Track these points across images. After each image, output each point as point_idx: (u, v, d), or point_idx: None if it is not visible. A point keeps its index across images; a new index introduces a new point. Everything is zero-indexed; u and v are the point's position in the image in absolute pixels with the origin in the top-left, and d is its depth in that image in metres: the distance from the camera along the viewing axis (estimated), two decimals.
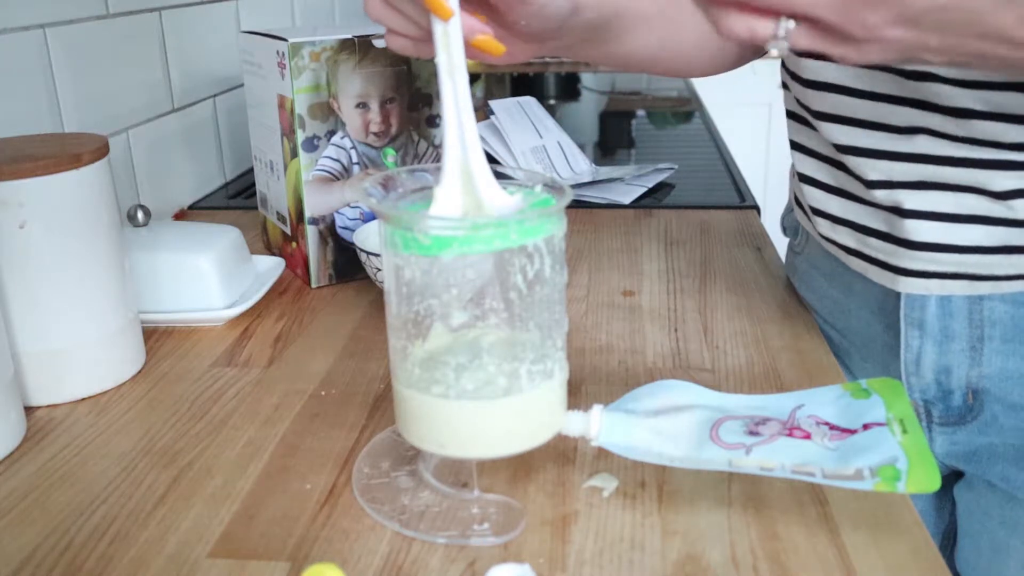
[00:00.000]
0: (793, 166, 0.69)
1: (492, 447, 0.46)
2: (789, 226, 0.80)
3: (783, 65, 0.67)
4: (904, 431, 0.47)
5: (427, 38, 0.52)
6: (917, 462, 0.45)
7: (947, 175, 0.56)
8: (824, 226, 0.66)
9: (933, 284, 0.59)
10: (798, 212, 0.73)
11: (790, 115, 0.68)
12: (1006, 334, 0.58)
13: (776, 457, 0.46)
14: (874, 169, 0.59)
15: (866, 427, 0.48)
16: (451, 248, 0.43)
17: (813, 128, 0.64)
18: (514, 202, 0.46)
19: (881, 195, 0.59)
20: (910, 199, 0.58)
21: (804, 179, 0.66)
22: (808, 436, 0.48)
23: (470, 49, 0.52)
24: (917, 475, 0.44)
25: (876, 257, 0.62)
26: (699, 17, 0.67)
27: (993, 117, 0.53)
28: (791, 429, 0.49)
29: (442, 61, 0.49)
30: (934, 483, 0.44)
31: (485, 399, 0.45)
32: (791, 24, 0.41)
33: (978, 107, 0.53)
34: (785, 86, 0.67)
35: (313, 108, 0.75)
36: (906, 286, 0.60)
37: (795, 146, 0.67)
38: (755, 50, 0.72)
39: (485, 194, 0.46)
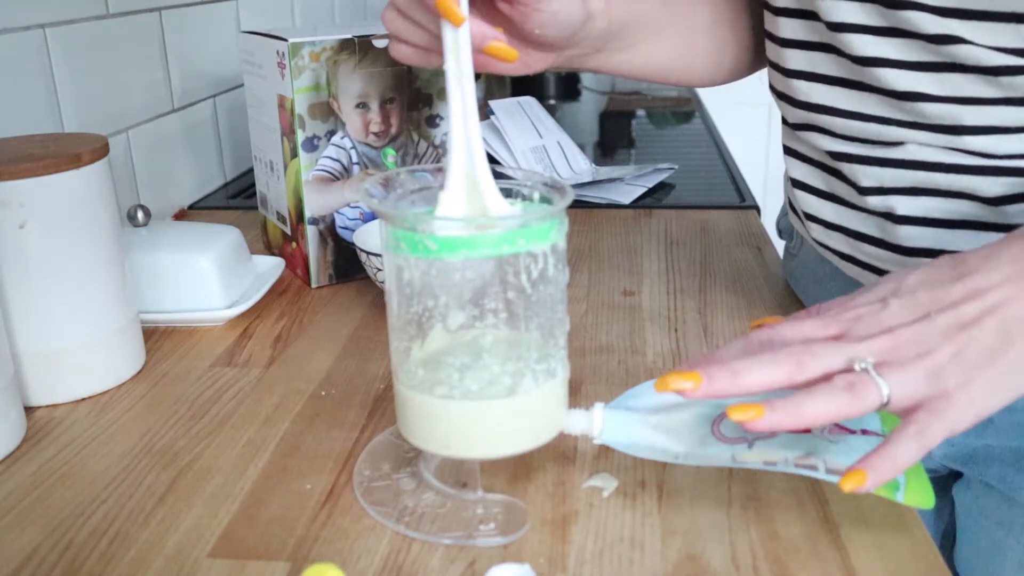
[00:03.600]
0: (787, 171, 0.69)
1: (497, 447, 0.46)
2: (784, 229, 0.80)
3: (771, 86, 0.67)
4: None
5: (434, 47, 0.53)
6: (914, 478, 0.45)
7: (939, 181, 0.56)
8: (817, 231, 0.66)
9: None
10: (792, 216, 0.73)
11: (784, 122, 0.68)
12: None
13: (779, 451, 0.47)
14: (866, 176, 0.59)
15: (864, 432, 0.48)
16: (459, 252, 0.43)
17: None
18: (516, 211, 0.47)
19: (874, 201, 0.59)
20: (902, 205, 0.58)
21: (797, 184, 0.66)
22: (808, 429, 0.49)
23: (484, 57, 0.53)
24: (914, 490, 0.44)
25: (869, 263, 0.62)
26: (711, 26, 0.68)
27: (984, 131, 0.53)
28: None
29: (451, 68, 0.49)
30: (929, 501, 0.44)
31: (490, 399, 0.45)
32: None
33: (971, 123, 0.53)
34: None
35: (313, 108, 0.75)
36: None
37: (788, 151, 0.67)
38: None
39: (490, 202, 0.46)
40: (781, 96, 0.64)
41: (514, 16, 0.53)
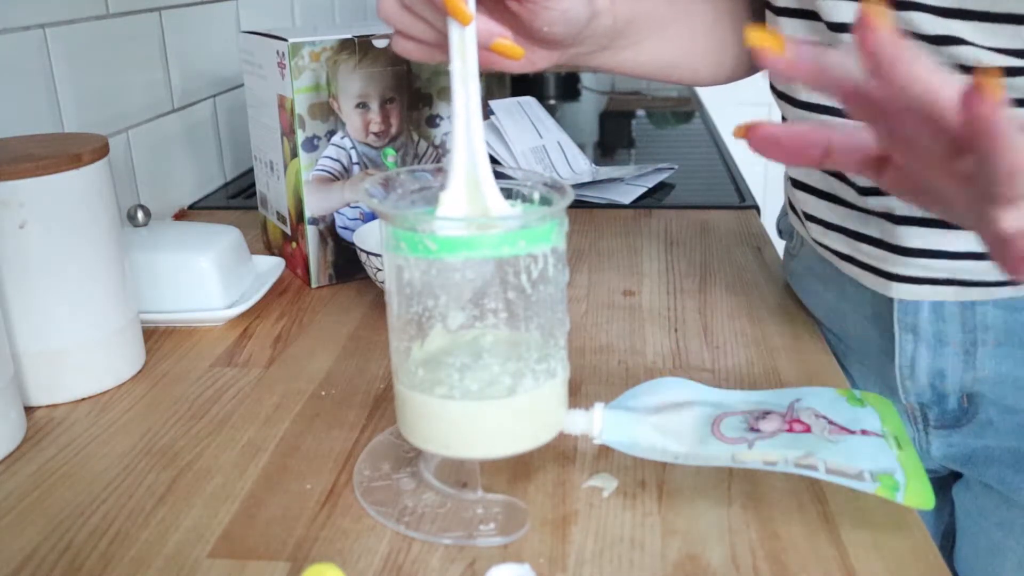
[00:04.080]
0: (787, 171, 0.69)
1: (497, 447, 0.46)
2: (784, 229, 0.80)
3: (771, 85, 0.67)
4: (899, 447, 0.48)
5: (439, 43, 0.52)
6: (914, 478, 0.45)
7: None
8: (817, 231, 0.66)
9: (925, 290, 0.59)
10: (792, 216, 0.73)
11: (783, 120, 0.68)
12: (999, 338, 0.58)
13: (779, 451, 0.47)
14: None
15: (864, 433, 0.49)
16: (459, 253, 0.43)
17: None
18: (517, 213, 0.47)
19: (873, 201, 0.59)
20: (902, 205, 0.58)
21: (797, 184, 0.66)
22: (808, 429, 0.49)
23: (490, 55, 0.53)
24: (914, 490, 0.44)
25: (868, 263, 0.62)
26: (713, 25, 0.68)
27: None
28: (791, 422, 0.49)
29: (456, 68, 0.49)
30: (929, 502, 0.44)
31: (490, 399, 0.45)
32: None
33: None
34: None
35: (313, 108, 0.75)
36: (898, 292, 0.60)
37: None
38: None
39: (491, 203, 0.46)
40: (781, 95, 0.64)
41: (522, 14, 0.53)
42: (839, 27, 0.55)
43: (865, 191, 0.59)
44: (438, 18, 0.52)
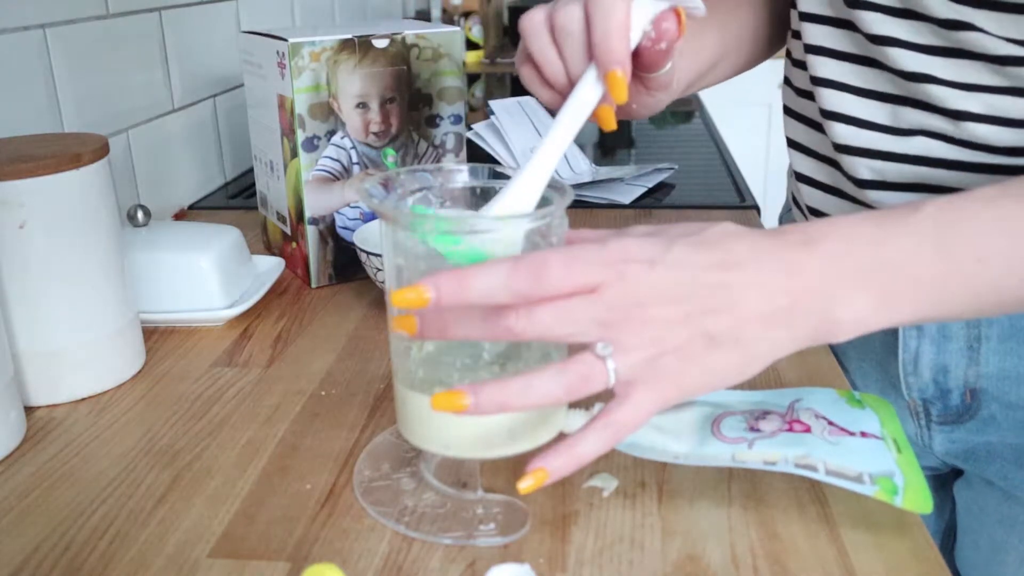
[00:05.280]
0: (791, 165, 0.69)
1: (497, 447, 0.46)
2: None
3: (788, 55, 0.67)
4: (899, 450, 0.48)
5: (562, 88, 0.52)
6: (912, 482, 0.45)
7: (940, 178, 0.56)
8: None
9: None
10: (796, 212, 0.73)
11: (788, 112, 0.68)
12: (1003, 334, 0.58)
13: (779, 450, 0.47)
14: (868, 168, 0.59)
15: (864, 435, 0.49)
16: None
17: (811, 126, 0.64)
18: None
19: (873, 196, 0.59)
20: (898, 199, 0.58)
21: (801, 178, 0.66)
22: (808, 429, 0.49)
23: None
24: (912, 494, 0.45)
25: None
26: (755, 35, 0.70)
27: (989, 120, 0.53)
28: (791, 422, 0.49)
29: (563, 120, 0.48)
30: (927, 506, 0.44)
31: None
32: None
33: (975, 109, 0.53)
34: (788, 82, 0.68)
35: (313, 108, 0.75)
36: None
37: (792, 144, 0.67)
38: (777, 43, 0.74)
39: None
40: (796, 63, 0.65)
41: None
42: (855, 3, 0.55)
43: (864, 184, 0.59)
44: (577, 65, 0.50)
